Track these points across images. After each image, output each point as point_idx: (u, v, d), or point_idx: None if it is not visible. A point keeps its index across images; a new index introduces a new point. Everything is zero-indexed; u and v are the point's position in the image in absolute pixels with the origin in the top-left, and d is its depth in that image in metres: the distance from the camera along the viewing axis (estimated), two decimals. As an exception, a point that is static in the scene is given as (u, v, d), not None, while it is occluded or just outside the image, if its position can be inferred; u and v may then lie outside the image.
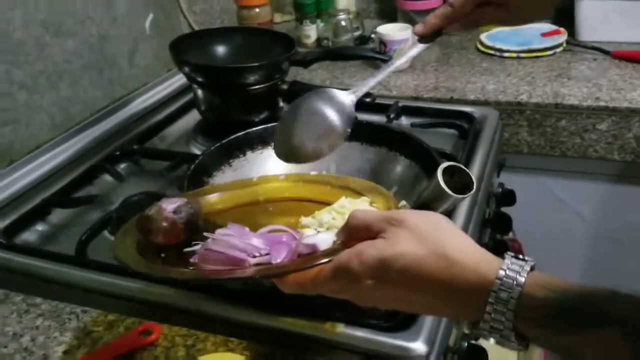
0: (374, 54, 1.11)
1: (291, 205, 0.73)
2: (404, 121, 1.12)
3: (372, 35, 1.40)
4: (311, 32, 1.50)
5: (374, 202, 0.67)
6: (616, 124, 1.13)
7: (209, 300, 0.69)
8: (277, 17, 1.77)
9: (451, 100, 1.19)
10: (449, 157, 0.95)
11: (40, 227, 0.88)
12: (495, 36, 1.43)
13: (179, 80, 1.28)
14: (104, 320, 0.68)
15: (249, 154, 0.86)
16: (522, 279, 0.44)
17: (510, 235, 1.15)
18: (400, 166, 0.82)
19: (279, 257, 0.55)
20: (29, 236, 0.87)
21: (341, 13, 1.42)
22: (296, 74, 1.32)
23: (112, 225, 0.85)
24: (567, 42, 1.39)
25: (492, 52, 1.38)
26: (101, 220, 0.83)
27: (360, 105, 1.08)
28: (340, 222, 0.60)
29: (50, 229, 0.88)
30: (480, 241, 0.89)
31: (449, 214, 0.81)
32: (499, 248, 0.96)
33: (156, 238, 0.61)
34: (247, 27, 1.33)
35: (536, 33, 1.42)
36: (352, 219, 0.53)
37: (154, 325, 0.65)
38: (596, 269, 1.33)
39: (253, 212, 0.72)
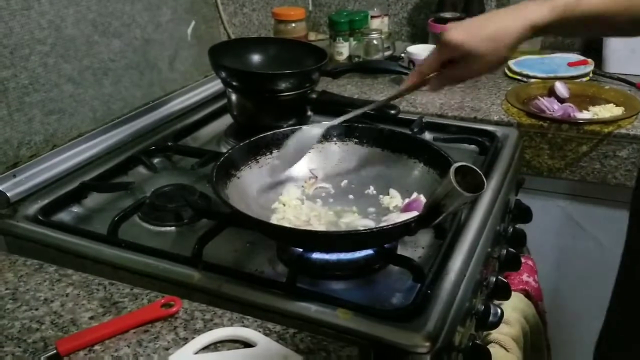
0: (402, 69, 1.16)
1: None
2: (427, 136, 1.16)
3: (402, 55, 1.45)
4: (343, 49, 1.56)
5: None
6: (636, 151, 1.15)
7: (228, 282, 0.74)
8: (312, 36, 1.83)
9: (475, 120, 1.23)
10: (467, 170, 0.98)
11: (75, 208, 0.94)
12: (523, 63, 1.47)
13: (214, 86, 1.34)
14: (129, 293, 0.72)
15: (275, 152, 0.90)
16: None
17: (526, 253, 1.17)
18: (419, 172, 0.86)
19: None
20: (64, 216, 0.92)
21: (374, 32, 1.48)
22: (326, 88, 1.37)
23: (142, 211, 0.90)
24: (594, 72, 1.41)
25: (519, 77, 1.42)
26: (134, 205, 0.89)
27: (384, 118, 1.14)
28: None
29: (84, 212, 0.94)
30: (492, 253, 0.91)
31: (463, 220, 0.85)
32: (512, 261, 0.98)
33: None
34: (282, 38, 1.39)
35: (563, 62, 1.46)
36: None
37: (176, 299, 0.69)
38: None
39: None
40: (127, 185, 0.97)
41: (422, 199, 0.81)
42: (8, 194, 0.90)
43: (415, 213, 0.76)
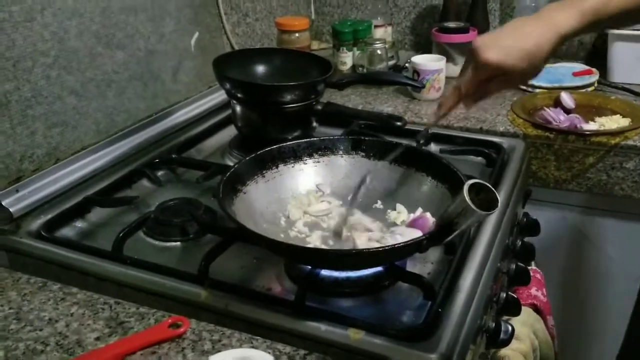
0: (408, 80, 1.15)
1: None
2: (433, 147, 1.15)
3: (407, 65, 1.44)
4: (347, 59, 1.55)
5: None
6: (644, 163, 1.14)
7: (236, 300, 0.72)
8: (315, 45, 1.83)
9: (481, 131, 1.22)
10: (475, 183, 0.97)
11: (79, 223, 0.93)
12: (527, 73, 1.46)
13: (218, 97, 1.33)
14: (135, 312, 0.71)
15: (281, 166, 0.89)
16: None
17: (533, 266, 1.16)
18: (427, 186, 0.85)
19: None
20: (68, 232, 0.91)
21: (377, 42, 1.47)
22: (330, 98, 1.36)
23: (147, 226, 0.89)
24: (599, 82, 1.41)
25: (524, 87, 1.41)
26: (139, 220, 0.87)
27: (390, 129, 1.13)
28: None
29: (88, 227, 0.93)
30: (501, 268, 0.90)
31: (473, 234, 0.84)
32: (521, 276, 0.97)
33: None
34: (286, 49, 1.39)
35: (568, 72, 1.45)
36: None
37: (183, 319, 0.68)
38: (619, 307, 1.32)
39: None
40: (131, 199, 0.96)
41: (428, 216, 0.79)
42: (11, 210, 0.89)
43: (419, 232, 0.75)
